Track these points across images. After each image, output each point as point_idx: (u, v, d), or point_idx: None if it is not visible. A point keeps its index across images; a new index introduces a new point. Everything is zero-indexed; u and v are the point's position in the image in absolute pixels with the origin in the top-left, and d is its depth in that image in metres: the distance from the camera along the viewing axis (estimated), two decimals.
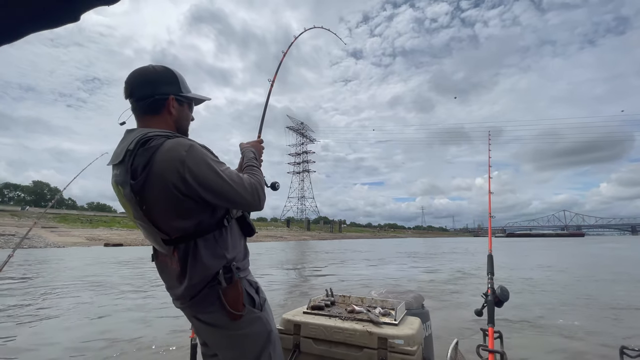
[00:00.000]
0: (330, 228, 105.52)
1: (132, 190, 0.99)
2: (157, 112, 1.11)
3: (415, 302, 1.97)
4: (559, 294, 7.13)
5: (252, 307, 1.12)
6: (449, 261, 15.68)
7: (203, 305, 1.07)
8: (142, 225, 1.08)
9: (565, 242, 48.92)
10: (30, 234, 35.71)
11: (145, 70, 1.12)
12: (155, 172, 0.97)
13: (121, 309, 5.85)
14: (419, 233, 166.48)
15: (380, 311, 1.80)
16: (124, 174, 1.01)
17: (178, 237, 1.04)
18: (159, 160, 0.97)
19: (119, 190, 1.06)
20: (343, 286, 8.34)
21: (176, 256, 1.05)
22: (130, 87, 1.10)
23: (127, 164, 1.00)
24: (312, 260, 17.14)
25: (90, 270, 12.29)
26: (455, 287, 8.16)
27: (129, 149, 1.00)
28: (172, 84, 1.13)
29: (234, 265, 1.08)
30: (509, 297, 1.59)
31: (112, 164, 1.08)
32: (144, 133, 1.02)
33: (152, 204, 1.01)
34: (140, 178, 0.98)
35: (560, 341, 4.03)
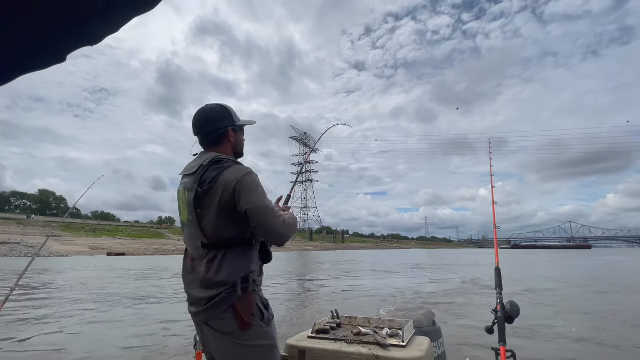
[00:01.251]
0: (333, 238, 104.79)
1: (195, 195, 1.22)
2: (220, 143, 1.37)
3: (426, 319, 1.92)
4: (574, 310, 6.95)
5: (261, 321, 1.22)
6: (455, 273, 15.43)
7: (217, 311, 1.18)
8: (190, 227, 1.27)
9: (572, 255, 48.03)
10: (35, 242, 35.86)
11: (207, 111, 1.37)
12: (219, 185, 1.20)
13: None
14: (423, 244, 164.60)
15: (387, 332, 1.76)
16: (194, 182, 1.24)
17: (214, 243, 1.22)
18: (225, 177, 1.21)
19: (184, 195, 1.29)
20: (349, 301, 8.20)
21: (206, 260, 1.21)
22: (197, 127, 1.37)
23: (199, 175, 1.24)
24: (316, 272, 16.96)
25: (125, 283, 12.24)
26: (464, 300, 8.00)
27: (203, 164, 1.25)
28: (227, 118, 1.38)
29: (251, 277, 1.22)
30: (519, 312, 1.51)
31: (184, 174, 1.33)
32: (217, 155, 1.30)
33: (206, 210, 1.22)
34: (206, 187, 1.21)
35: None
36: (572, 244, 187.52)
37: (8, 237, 36.43)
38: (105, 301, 7.80)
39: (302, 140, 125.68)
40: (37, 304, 7.38)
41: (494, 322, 1.52)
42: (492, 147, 2.66)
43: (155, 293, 9.15)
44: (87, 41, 0.73)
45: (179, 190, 1.35)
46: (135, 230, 62.69)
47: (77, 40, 0.72)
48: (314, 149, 3.22)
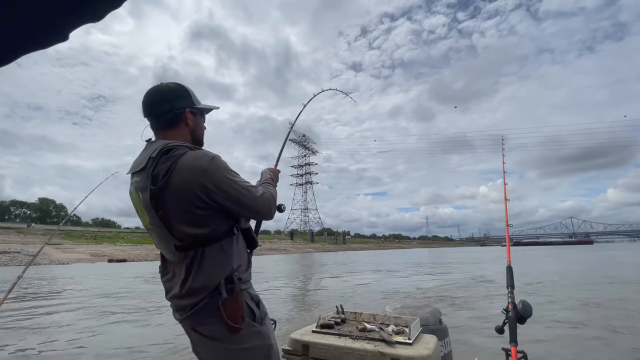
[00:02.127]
0: (334, 240, 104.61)
1: (151, 195, 1.03)
2: (175, 125, 1.18)
3: (432, 317, 1.87)
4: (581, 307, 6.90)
5: (252, 321, 1.10)
6: (457, 271, 15.36)
7: (203, 316, 1.07)
8: (156, 231, 1.10)
9: (573, 250, 47.93)
10: (35, 251, 35.52)
11: (160, 88, 1.19)
12: (176, 178, 1.03)
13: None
14: (425, 243, 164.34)
15: (393, 329, 1.71)
16: (145, 179, 1.06)
17: (190, 244, 1.07)
18: (181, 167, 1.03)
19: (137, 197, 1.10)
20: (353, 298, 8.14)
21: (184, 263, 1.08)
22: (149, 106, 1.17)
23: (149, 170, 1.05)
24: (319, 272, 16.89)
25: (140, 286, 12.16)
26: (469, 298, 7.94)
27: (151, 157, 1.06)
28: (186, 97, 1.20)
29: (236, 276, 1.08)
30: (532, 312, 1.45)
31: (132, 172, 1.13)
32: (166, 143, 1.09)
33: (169, 209, 1.05)
34: (161, 183, 1.03)
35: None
36: (573, 239, 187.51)
37: (8, 247, 36.28)
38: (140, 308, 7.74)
39: (301, 143, 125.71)
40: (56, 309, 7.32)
41: (504, 321, 1.46)
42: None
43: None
44: (90, 17, 0.69)
45: (130, 192, 1.15)
46: (135, 236, 62.47)
47: (79, 16, 0.68)
48: (301, 113, 3.11)
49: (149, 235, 1.19)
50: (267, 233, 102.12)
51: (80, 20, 0.66)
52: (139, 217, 1.16)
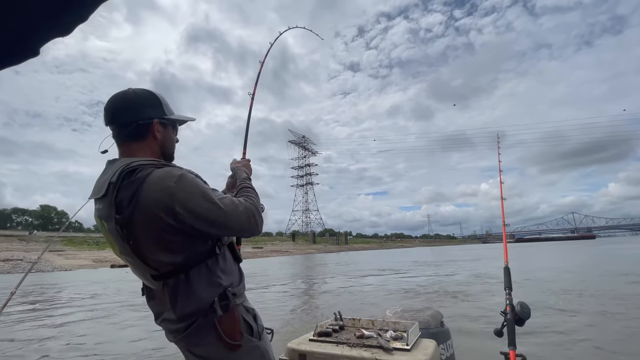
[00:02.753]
0: (336, 240, 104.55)
1: (116, 224, 0.93)
2: (141, 137, 1.04)
3: (433, 320, 1.86)
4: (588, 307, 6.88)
5: (250, 336, 1.04)
6: (459, 269, 15.33)
7: (198, 337, 0.99)
8: (129, 260, 1.01)
9: (576, 245, 47.81)
10: (37, 258, 35.65)
11: (126, 94, 1.05)
12: (143, 205, 0.91)
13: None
14: (427, 242, 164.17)
15: (392, 335, 1.70)
16: (108, 207, 0.94)
17: (167, 272, 0.97)
18: (147, 193, 0.91)
19: (103, 225, 0.99)
20: (353, 301, 8.12)
21: (166, 291, 0.98)
22: (111, 113, 1.03)
23: (111, 198, 0.93)
24: (320, 274, 16.86)
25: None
26: (470, 298, 7.91)
27: (111, 182, 0.93)
28: (155, 107, 1.07)
29: (230, 292, 1.01)
30: (530, 314, 1.42)
31: (94, 198, 1.00)
32: (128, 163, 0.95)
33: (140, 238, 0.94)
34: (127, 212, 0.92)
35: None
36: (576, 234, 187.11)
37: (11, 254, 36.35)
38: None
39: (300, 144, 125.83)
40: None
41: (503, 324, 1.44)
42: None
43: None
44: (58, 32, 0.70)
45: (95, 218, 1.03)
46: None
47: (48, 32, 0.69)
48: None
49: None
50: (269, 235, 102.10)
51: (49, 35, 0.66)
52: (109, 246, 1.05)
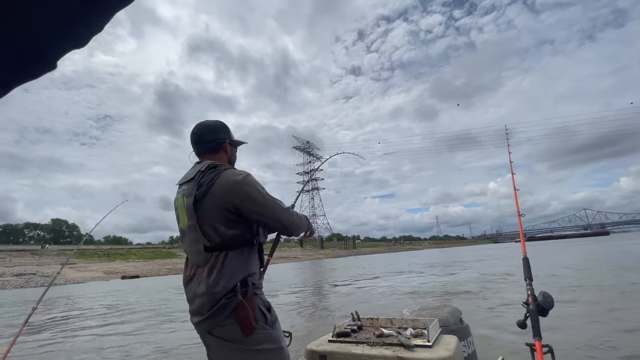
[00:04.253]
0: (344, 245, 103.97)
1: (194, 199, 1.24)
2: (216, 152, 1.44)
3: (452, 317, 1.81)
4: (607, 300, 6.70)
5: (265, 324, 1.21)
6: (472, 269, 15.08)
7: (219, 317, 1.17)
8: (190, 231, 1.28)
9: (589, 243, 46.75)
10: (50, 272, 36.24)
11: (208, 123, 1.47)
12: (216, 187, 1.24)
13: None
14: (436, 243, 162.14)
15: (411, 332, 1.67)
16: (192, 187, 1.27)
17: (216, 245, 1.23)
18: (221, 179, 1.25)
19: (183, 201, 1.30)
20: (368, 303, 8.02)
21: (207, 266, 1.22)
22: (197, 135, 1.43)
23: (197, 180, 1.27)
24: (331, 278, 16.75)
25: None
26: (489, 294, 7.76)
27: (200, 170, 1.29)
28: (227, 131, 1.48)
29: (250, 281, 1.22)
30: (553, 303, 1.38)
31: (181, 183, 1.37)
32: (212, 162, 1.35)
33: (205, 212, 1.24)
34: (204, 189, 1.24)
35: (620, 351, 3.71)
36: (589, 231, 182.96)
37: (24, 269, 36.91)
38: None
39: (305, 149, 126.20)
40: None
41: (526, 315, 1.40)
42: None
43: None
44: (74, 44, 0.72)
45: (176, 199, 1.37)
46: (147, 251, 63.04)
47: (65, 44, 0.71)
48: (318, 159, 3.02)
49: (181, 240, 1.37)
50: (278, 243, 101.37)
51: (65, 48, 0.70)
52: (177, 221, 1.36)
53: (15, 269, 37.01)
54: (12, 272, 34.82)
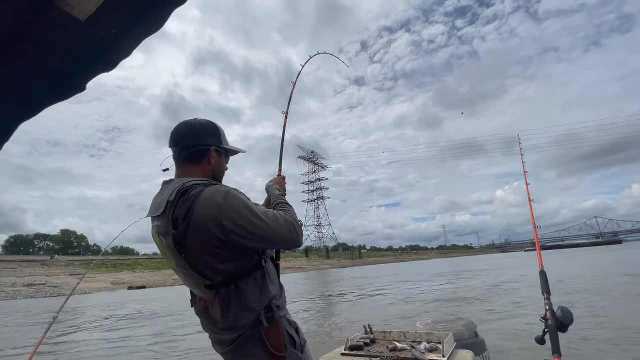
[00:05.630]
0: (350, 255, 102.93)
1: (174, 239, 1.02)
2: (197, 161, 1.16)
3: (467, 330, 1.80)
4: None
5: (294, 349, 1.09)
6: (484, 278, 14.78)
7: (245, 348, 1.05)
8: (184, 273, 1.09)
9: (600, 252, 45.51)
10: (59, 282, 36.49)
11: (192, 122, 1.19)
12: (195, 221, 1.01)
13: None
14: (444, 253, 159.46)
15: (426, 347, 1.66)
16: (166, 224, 1.04)
17: (220, 282, 1.05)
18: (199, 209, 1.01)
19: (161, 241, 1.08)
20: (379, 315, 7.90)
21: (218, 301, 1.06)
22: (176, 137, 1.17)
23: (169, 215, 1.03)
24: (338, 290, 16.55)
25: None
26: (500, 305, 7.60)
27: (169, 201, 1.03)
28: (215, 136, 1.20)
29: (274, 304, 1.08)
30: (573, 319, 1.33)
31: (152, 216, 1.11)
32: (183, 184, 1.06)
33: (193, 252, 1.03)
34: (182, 228, 1.01)
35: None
36: (601, 240, 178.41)
37: (34, 279, 37.26)
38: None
39: (310, 159, 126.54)
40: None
41: (544, 331, 1.35)
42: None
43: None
44: (104, 68, 0.78)
45: (152, 234, 1.14)
46: (154, 262, 63.13)
47: (94, 68, 0.77)
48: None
49: (177, 275, 1.16)
50: (282, 252, 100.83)
51: (95, 72, 0.74)
52: (166, 260, 1.15)
53: (26, 279, 37.38)
54: (23, 282, 35.18)
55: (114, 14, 0.65)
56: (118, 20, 0.68)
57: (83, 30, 0.66)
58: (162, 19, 0.71)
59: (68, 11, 0.59)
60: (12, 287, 32.75)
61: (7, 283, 34.08)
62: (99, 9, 0.60)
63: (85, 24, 0.64)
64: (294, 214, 1.20)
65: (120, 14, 0.66)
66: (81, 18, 0.62)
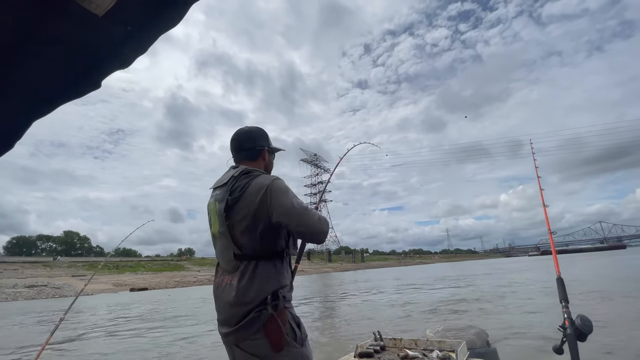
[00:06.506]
0: (353, 258, 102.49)
1: (226, 205, 1.22)
2: (255, 159, 1.42)
3: (479, 339, 1.75)
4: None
5: (294, 341, 1.16)
6: (491, 282, 14.64)
7: (248, 331, 1.13)
8: (221, 238, 1.26)
9: (604, 256, 45.03)
10: (61, 283, 36.54)
11: (249, 129, 1.46)
12: (248, 193, 1.21)
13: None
14: (447, 257, 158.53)
15: (438, 355, 1.62)
16: (224, 192, 1.26)
17: (246, 254, 1.20)
18: (252, 185, 1.23)
19: (215, 207, 1.29)
20: (387, 320, 7.81)
21: (239, 271, 1.19)
22: (239, 143, 1.42)
23: (230, 185, 1.25)
24: (342, 293, 16.45)
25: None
26: (510, 311, 7.49)
27: (234, 175, 1.28)
28: (266, 139, 1.46)
29: (281, 294, 1.18)
30: (592, 327, 1.28)
31: (215, 187, 1.35)
32: (247, 168, 1.32)
33: (236, 220, 1.22)
34: (236, 195, 1.22)
35: None
36: (605, 245, 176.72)
37: (35, 280, 37.32)
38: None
39: (312, 162, 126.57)
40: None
41: (562, 340, 1.31)
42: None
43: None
44: (120, 65, 0.75)
45: (209, 203, 1.36)
46: (156, 264, 63.23)
47: (110, 65, 0.74)
48: (327, 171, 3.10)
49: (213, 244, 1.34)
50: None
51: (111, 69, 0.71)
52: (210, 226, 1.34)
53: (28, 280, 37.47)
54: (25, 283, 35.24)
55: (131, 8, 0.62)
56: (135, 16, 0.66)
57: (100, 25, 0.64)
58: (180, 14, 0.69)
59: (85, 6, 0.57)
60: (13, 288, 32.80)
61: (8, 284, 34.14)
62: (117, 4, 0.57)
63: (102, 20, 0.61)
64: (326, 219, 1.37)
65: (137, 9, 0.63)
66: (98, 13, 0.59)
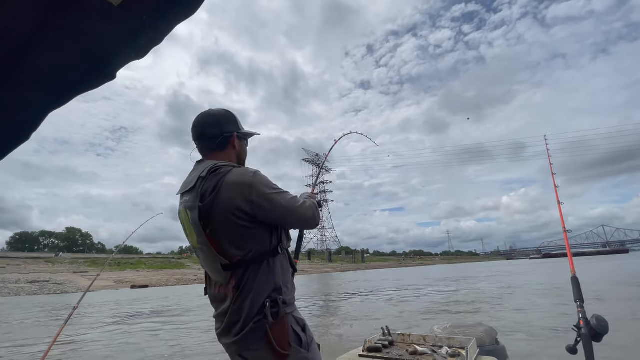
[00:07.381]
0: (353, 258, 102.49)
1: (199, 213, 1.06)
2: (223, 148, 1.24)
3: (488, 337, 1.72)
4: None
5: (299, 347, 1.08)
6: (494, 284, 14.58)
7: (249, 341, 1.06)
8: (203, 250, 1.12)
9: (606, 260, 44.75)
10: (62, 279, 36.76)
11: (212, 113, 1.26)
12: (223, 194, 1.06)
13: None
14: (448, 259, 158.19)
15: (447, 351, 1.60)
16: (194, 198, 1.09)
17: (236, 262, 1.08)
18: (227, 183, 1.07)
19: (187, 215, 1.12)
20: (393, 316, 7.76)
21: (233, 282, 1.08)
22: (200, 129, 1.23)
23: (198, 189, 1.08)
24: (344, 293, 16.43)
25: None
26: (525, 313, 7.42)
27: (201, 176, 1.10)
28: (234, 123, 1.27)
29: (281, 299, 1.08)
30: (608, 328, 1.27)
31: (182, 192, 1.18)
32: (214, 163, 1.14)
33: (216, 226, 1.07)
34: (208, 200, 1.06)
35: None
36: (607, 249, 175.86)
37: (38, 276, 37.53)
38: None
39: (314, 162, 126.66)
40: None
41: (577, 340, 1.29)
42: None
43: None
44: (135, 55, 0.73)
45: (179, 211, 1.18)
46: (157, 261, 63.43)
47: (126, 55, 0.73)
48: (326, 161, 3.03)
49: (196, 255, 1.19)
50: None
51: (126, 58, 0.70)
52: (187, 237, 1.18)
53: (30, 276, 37.68)
54: (27, 279, 35.45)
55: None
56: (151, 5, 0.64)
57: (116, 15, 0.62)
58: (195, 4, 0.67)
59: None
60: (16, 283, 33.02)
61: (11, 279, 34.37)
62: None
63: (118, 9, 0.60)
64: (314, 201, 1.29)
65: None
66: (114, 2, 0.58)
